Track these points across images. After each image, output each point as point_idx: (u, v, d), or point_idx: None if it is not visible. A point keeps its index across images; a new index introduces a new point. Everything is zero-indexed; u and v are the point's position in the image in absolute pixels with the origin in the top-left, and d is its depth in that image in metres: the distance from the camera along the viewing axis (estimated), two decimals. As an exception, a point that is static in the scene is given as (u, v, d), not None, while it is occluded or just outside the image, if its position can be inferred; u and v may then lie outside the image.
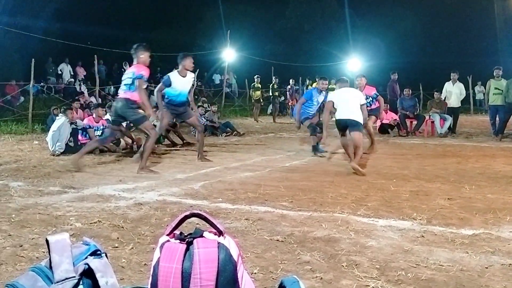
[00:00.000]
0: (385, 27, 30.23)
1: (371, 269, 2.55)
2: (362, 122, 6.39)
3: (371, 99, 8.09)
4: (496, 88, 10.91)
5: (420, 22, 30.86)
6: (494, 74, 11.09)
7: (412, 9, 31.19)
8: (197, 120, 7.30)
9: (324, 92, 8.13)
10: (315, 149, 7.80)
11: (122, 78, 6.13)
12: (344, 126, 6.36)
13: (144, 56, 5.95)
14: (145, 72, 5.88)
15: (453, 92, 11.98)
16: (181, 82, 6.74)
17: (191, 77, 6.92)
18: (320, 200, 4.26)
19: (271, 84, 18.18)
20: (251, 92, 18.22)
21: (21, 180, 5.25)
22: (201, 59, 23.42)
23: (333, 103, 6.49)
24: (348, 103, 6.34)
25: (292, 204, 4.13)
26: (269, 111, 19.70)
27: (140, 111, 6.00)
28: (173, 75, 6.80)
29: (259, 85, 17.86)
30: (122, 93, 5.97)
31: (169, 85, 6.72)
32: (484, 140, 10.38)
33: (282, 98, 19.66)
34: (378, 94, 8.23)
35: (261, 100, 18.23)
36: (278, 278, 2.35)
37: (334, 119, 6.62)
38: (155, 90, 7.17)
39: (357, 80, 8.31)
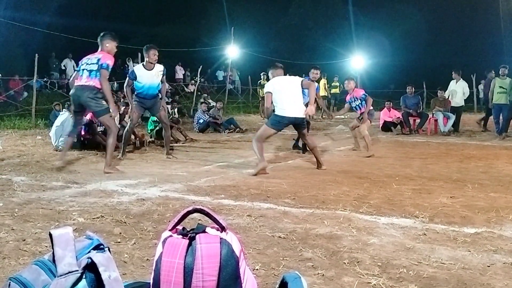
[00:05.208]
0: (389, 25, 30.14)
1: (372, 266, 2.56)
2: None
3: (360, 101, 7.81)
4: (501, 87, 10.86)
5: (424, 20, 30.73)
6: (500, 72, 11.02)
7: (416, 6, 31.07)
8: (164, 116, 7.13)
9: (316, 84, 7.93)
10: (295, 145, 7.85)
11: (82, 63, 5.67)
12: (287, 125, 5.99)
13: (110, 45, 5.68)
14: (111, 62, 5.53)
15: (455, 90, 11.96)
16: (147, 75, 6.60)
17: (158, 70, 6.69)
18: (322, 198, 4.26)
19: None
20: (258, 89, 18.25)
21: (24, 175, 5.26)
22: (204, 55, 23.46)
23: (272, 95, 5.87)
24: (292, 95, 5.82)
25: (295, 201, 4.13)
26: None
27: (104, 102, 5.57)
28: (138, 68, 6.72)
29: (266, 82, 17.89)
30: (86, 79, 5.50)
31: (135, 78, 6.63)
32: (487, 139, 10.36)
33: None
34: (366, 94, 7.85)
35: None
36: (280, 275, 2.36)
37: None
38: (124, 85, 7.04)
39: (345, 83, 8.15)
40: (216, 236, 1.20)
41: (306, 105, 6.02)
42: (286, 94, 5.80)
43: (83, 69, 5.59)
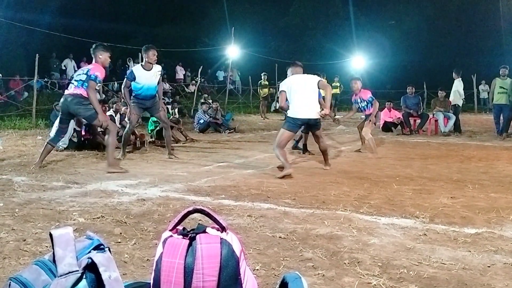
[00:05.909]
0: (390, 25, 30.14)
1: (373, 266, 2.55)
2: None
3: (366, 103, 7.80)
4: (501, 87, 10.86)
5: (424, 20, 30.74)
6: (500, 73, 11.01)
7: (417, 7, 31.07)
8: (164, 116, 7.13)
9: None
10: (295, 146, 7.95)
11: (75, 74, 5.91)
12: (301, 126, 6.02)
13: (103, 56, 5.73)
14: (101, 74, 5.62)
15: (456, 91, 11.98)
16: (145, 75, 6.60)
17: (156, 70, 6.70)
18: (322, 198, 4.25)
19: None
20: (258, 89, 18.28)
21: (24, 175, 5.26)
22: (205, 55, 23.47)
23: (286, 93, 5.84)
24: (305, 96, 5.77)
25: (295, 201, 4.13)
26: (272, 108, 19.76)
27: (91, 107, 5.64)
28: (136, 69, 6.72)
29: (266, 82, 18.00)
30: (73, 88, 5.65)
31: (133, 79, 6.62)
32: (487, 139, 10.35)
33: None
34: (373, 98, 7.83)
35: (269, 97, 18.40)
36: (280, 275, 2.36)
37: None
38: (122, 86, 7.02)
39: (352, 83, 8.05)
40: (217, 236, 1.20)
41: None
42: (301, 94, 5.75)
43: (73, 80, 5.78)
